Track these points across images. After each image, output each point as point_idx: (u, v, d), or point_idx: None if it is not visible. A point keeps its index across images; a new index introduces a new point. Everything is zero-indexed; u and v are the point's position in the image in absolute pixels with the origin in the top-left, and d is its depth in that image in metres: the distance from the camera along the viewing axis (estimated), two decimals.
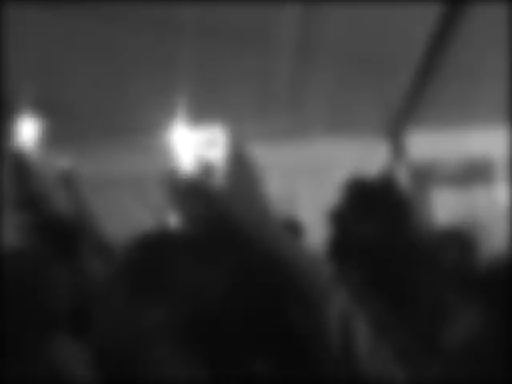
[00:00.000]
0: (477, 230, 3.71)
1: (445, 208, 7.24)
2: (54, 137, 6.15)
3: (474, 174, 7.49)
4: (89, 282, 2.78)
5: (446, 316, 2.24)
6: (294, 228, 5.56)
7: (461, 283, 2.37)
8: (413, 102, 6.95)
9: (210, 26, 5.71)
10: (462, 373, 1.98)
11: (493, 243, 3.70)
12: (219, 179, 1.67)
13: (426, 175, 7.65)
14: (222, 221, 2.22)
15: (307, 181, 7.21)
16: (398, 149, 7.63)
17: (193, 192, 3.76)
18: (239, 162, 1.70)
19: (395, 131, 7.55)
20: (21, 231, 3.14)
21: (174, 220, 4.45)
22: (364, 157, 6.57)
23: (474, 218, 6.21)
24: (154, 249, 2.13)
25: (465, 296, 2.30)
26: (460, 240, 3.39)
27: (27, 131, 3.84)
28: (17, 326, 2.13)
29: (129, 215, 6.33)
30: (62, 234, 3.04)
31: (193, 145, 1.70)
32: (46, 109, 5.83)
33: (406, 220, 2.59)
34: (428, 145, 7.38)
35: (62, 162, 5.27)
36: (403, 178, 7.34)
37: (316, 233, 3.27)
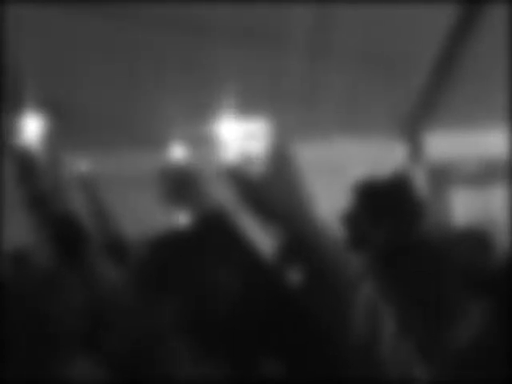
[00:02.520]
0: (493, 230, 3.69)
1: (462, 208, 7.21)
2: (74, 136, 6.19)
3: (491, 174, 7.45)
4: (100, 285, 2.77)
5: (456, 315, 2.23)
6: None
7: (472, 282, 2.36)
8: (430, 102, 6.93)
9: (228, 26, 5.73)
10: (469, 371, 1.97)
11: (509, 243, 3.69)
12: (259, 169, 1.72)
13: (443, 175, 7.63)
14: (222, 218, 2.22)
15: (322, 181, 7.20)
16: (414, 149, 7.61)
17: (190, 188, 3.75)
18: (279, 155, 1.75)
19: (412, 131, 7.53)
20: (29, 230, 3.14)
21: (181, 218, 4.46)
22: (380, 157, 6.55)
23: (491, 219, 6.19)
24: (168, 249, 2.13)
25: (475, 295, 2.28)
26: (475, 240, 3.37)
27: (34, 129, 3.84)
28: (29, 338, 2.13)
29: (146, 213, 6.36)
30: (70, 234, 3.03)
31: (237, 137, 1.76)
32: (62, 108, 5.86)
33: (419, 221, 2.58)
34: (445, 145, 7.35)
35: (80, 162, 5.29)
36: (420, 178, 7.31)
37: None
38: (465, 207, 7.25)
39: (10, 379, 2.09)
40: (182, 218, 4.58)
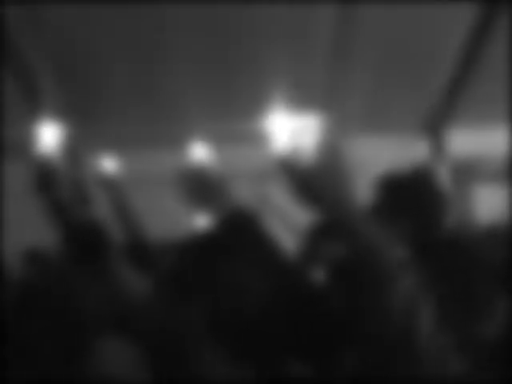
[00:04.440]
0: None
1: (485, 205, 7.18)
2: (98, 138, 6.20)
3: None
4: (123, 290, 2.79)
5: (484, 311, 2.24)
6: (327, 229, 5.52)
7: (498, 279, 2.36)
8: (452, 99, 6.90)
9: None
10: (495, 366, 1.98)
11: None
12: (310, 161, 1.80)
13: (466, 172, 7.59)
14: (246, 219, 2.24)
15: None
16: (437, 146, 7.58)
17: (214, 190, 3.76)
18: (330, 148, 1.83)
19: (435, 128, 7.50)
20: (49, 233, 3.17)
21: (203, 218, 4.46)
22: (403, 154, 6.53)
23: None
24: (195, 252, 2.15)
25: (500, 291, 2.28)
26: (499, 237, 3.36)
27: (53, 135, 3.86)
28: (44, 333, 2.15)
29: (170, 213, 6.37)
30: (91, 241, 3.05)
31: (289, 131, 1.82)
32: (84, 111, 5.88)
33: (442, 215, 2.58)
34: (468, 142, 7.32)
35: (104, 164, 5.30)
36: (443, 175, 7.28)
37: None
38: (487, 204, 7.22)
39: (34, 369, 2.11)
40: (203, 219, 4.59)
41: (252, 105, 6.35)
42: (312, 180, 1.81)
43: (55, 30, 5.90)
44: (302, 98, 1.98)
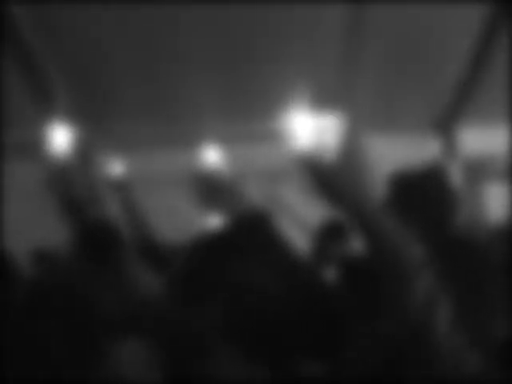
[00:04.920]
0: None
1: (496, 203, 7.16)
2: (110, 138, 6.21)
3: None
4: (136, 288, 2.79)
5: (496, 310, 2.24)
6: (338, 230, 5.51)
7: (508, 278, 2.35)
8: (464, 98, 6.90)
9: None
10: (508, 365, 1.99)
11: None
12: (331, 159, 1.84)
13: (478, 170, 7.58)
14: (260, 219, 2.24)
15: None
16: (449, 144, 7.57)
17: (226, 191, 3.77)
18: (350, 147, 1.87)
19: (446, 127, 7.49)
20: (58, 233, 3.18)
21: (215, 218, 4.46)
22: (415, 152, 6.52)
23: None
24: (208, 252, 2.15)
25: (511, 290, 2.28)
26: (510, 235, 3.34)
27: (65, 136, 3.86)
28: (61, 334, 2.15)
29: (181, 213, 6.38)
30: (103, 240, 3.06)
31: (311, 130, 1.86)
32: (96, 111, 5.89)
33: (453, 212, 2.57)
34: (480, 140, 7.30)
35: (115, 164, 5.30)
36: (455, 173, 7.27)
37: None
38: (499, 202, 7.20)
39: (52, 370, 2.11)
40: (215, 219, 4.59)
41: (262, 105, 6.37)
42: (335, 178, 1.84)
43: (67, 31, 5.91)
44: (315, 97, 1.98)
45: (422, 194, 2.58)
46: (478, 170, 7.58)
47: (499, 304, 2.27)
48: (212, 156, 5.55)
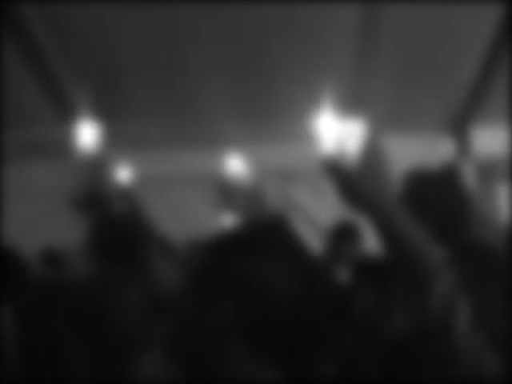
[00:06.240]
0: None
1: (510, 205, 7.13)
2: (124, 138, 6.22)
3: None
4: (158, 285, 2.79)
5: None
6: (349, 232, 5.52)
7: None
8: (478, 98, 6.88)
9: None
10: None
11: None
12: (354, 163, 1.86)
13: (491, 172, 7.55)
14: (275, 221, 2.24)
15: None
16: (462, 145, 7.54)
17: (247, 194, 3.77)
18: (373, 152, 1.88)
19: (460, 127, 7.46)
20: (85, 231, 3.17)
21: (229, 220, 4.46)
22: (428, 153, 6.52)
23: None
24: (223, 252, 2.16)
25: None
26: None
27: (90, 135, 3.87)
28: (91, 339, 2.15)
29: (193, 214, 6.39)
30: (130, 235, 3.05)
31: (335, 135, 1.88)
32: (112, 111, 5.90)
33: (466, 215, 2.57)
34: (494, 141, 7.28)
35: (122, 172, 5.30)
36: (469, 174, 7.25)
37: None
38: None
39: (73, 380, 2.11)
40: (231, 220, 4.59)
41: (278, 107, 6.38)
42: (359, 182, 1.86)
43: (79, 30, 5.92)
44: (332, 99, 1.99)
45: (437, 195, 2.57)
46: (491, 171, 7.56)
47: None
48: (236, 162, 5.54)
